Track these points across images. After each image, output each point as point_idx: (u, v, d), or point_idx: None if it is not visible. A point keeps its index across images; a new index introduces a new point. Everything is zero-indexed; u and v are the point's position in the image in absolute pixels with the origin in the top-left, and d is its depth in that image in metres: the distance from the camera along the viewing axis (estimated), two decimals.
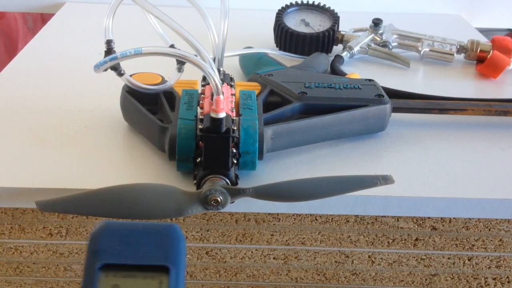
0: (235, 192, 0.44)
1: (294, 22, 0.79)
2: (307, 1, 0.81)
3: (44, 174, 0.51)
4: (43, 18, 1.25)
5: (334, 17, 0.79)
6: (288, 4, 0.81)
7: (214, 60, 0.55)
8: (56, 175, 0.51)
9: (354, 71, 0.72)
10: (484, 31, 0.94)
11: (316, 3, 0.81)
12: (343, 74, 0.70)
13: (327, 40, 0.77)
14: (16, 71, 0.71)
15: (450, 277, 0.59)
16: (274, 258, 0.57)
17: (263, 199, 0.45)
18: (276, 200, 0.46)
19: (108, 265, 0.31)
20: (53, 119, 0.60)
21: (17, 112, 0.61)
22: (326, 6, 0.81)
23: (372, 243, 0.56)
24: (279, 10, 0.80)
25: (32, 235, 0.55)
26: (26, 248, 0.56)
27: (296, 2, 0.81)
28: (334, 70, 0.73)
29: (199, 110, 0.53)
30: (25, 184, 0.50)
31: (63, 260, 0.57)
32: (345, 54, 0.76)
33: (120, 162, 0.54)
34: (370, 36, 0.79)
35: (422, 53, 0.79)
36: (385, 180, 0.45)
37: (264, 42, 0.80)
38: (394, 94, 0.62)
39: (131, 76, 0.55)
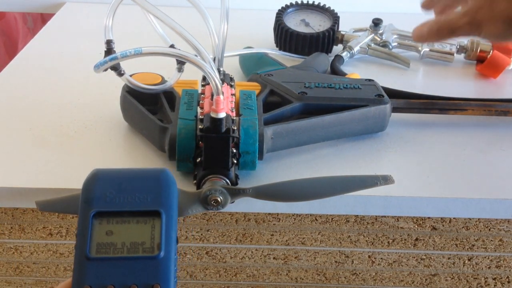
0: (235, 192, 0.44)
1: (294, 22, 0.79)
2: (307, 1, 0.81)
3: (44, 174, 0.51)
4: (43, 18, 1.25)
5: (334, 17, 0.79)
6: (288, 4, 0.81)
7: (214, 60, 0.55)
8: (56, 175, 0.51)
9: (354, 71, 0.72)
10: None
11: (316, 3, 0.81)
12: (343, 74, 0.70)
13: (327, 40, 0.77)
14: (16, 71, 0.71)
15: (450, 277, 0.59)
16: (274, 258, 0.57)
17: (263, 199, 0.45)
18: (276, 200, 0.46)
19: (102, 212, 0.32)
20: (53, 119, 0.60)
21: (17, 112, 0.61)
22: (326, 6, 0.81)
23: (372, 243, 0.56)
24: (279, 10, 0.80)
25: (32, 235, 0.55)
26: (26, 248, 0.56)
27: (296, 2, 0.81)
28: (334, 70, 0.73)
29: (199, 110, 0.53)
30: (25, 184, 0.50)
31: (63, 260, 0.57)
32: (345, 54, 0.76)
33: (120, 162, 0.54)
34: (370, 36, 0.79)
35: (422, 53, 0.79)
36: (385, 180, 0.45)
37: (264, 42, 0.80)
38: (394, 94, 0.62)
39: (131, 76, 0.55)
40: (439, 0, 0.62)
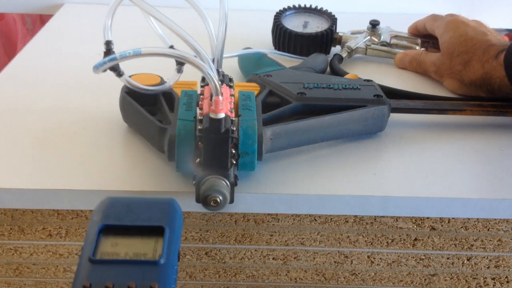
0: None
1: (292, 25, 0.79)
2: (304, 5, 0.81)
3: (44, 174, 0.52)
4: (42, 19, 1.25)
5: (331, 19, 0.79)
6: (286, 7, 0.81)
7: (213, 61, 0.55)
8: (56, 176, 0.51)
9: (353, 71, 0.72)
10: None
11: (313, 6, 0.81)
12: (342, 72, 0.70)
13: (325, 40, 0.77)
14: (16, 72, 0.71)
15: (449, 277, 0.59)
16: (273, 258, 0.57)
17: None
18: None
19: (109, 226, 0.34)
20: (53, 120, 0.60)
21: (17, 113, 0.61)
22: (324, 9, 0.81)
23: (371, 243, 0.56)
24: (276, 13, 0.80)
25: (31, 236, 0.55)
26: (26, 249, 0.56)
27: (294, 6, 0.81)
28: (334, 68, 0.73)
29: (198, 111, 0.53)
30: (25, 185, 0.50)
31: (62, 261, 0.57)
32: (344, 54, 0.76)
33: (119, 163, 0.54)
34: (368, 38, 0.79)
35: None
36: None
37: (263, 43, 0.81)
38: (393, 94, 0.62)
39: (130, 77, 0.55)
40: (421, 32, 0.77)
